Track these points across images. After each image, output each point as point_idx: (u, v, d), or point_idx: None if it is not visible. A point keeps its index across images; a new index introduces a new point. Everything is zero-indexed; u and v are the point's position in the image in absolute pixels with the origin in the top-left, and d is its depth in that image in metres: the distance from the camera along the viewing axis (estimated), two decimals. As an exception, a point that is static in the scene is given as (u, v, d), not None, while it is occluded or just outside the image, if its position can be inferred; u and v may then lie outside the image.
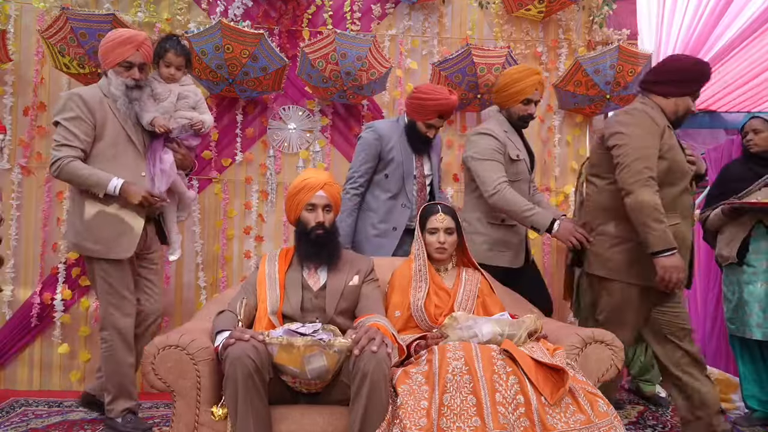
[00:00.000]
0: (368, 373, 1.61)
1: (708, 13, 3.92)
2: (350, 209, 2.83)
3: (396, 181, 2.85)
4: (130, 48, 2.47)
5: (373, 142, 2.85)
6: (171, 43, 2.67)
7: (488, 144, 2.57)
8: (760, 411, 2.86)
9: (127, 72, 2.50)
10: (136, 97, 2.55)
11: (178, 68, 2.70)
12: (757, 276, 2.79)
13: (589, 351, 1.94)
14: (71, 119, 2.46)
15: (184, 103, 2.72)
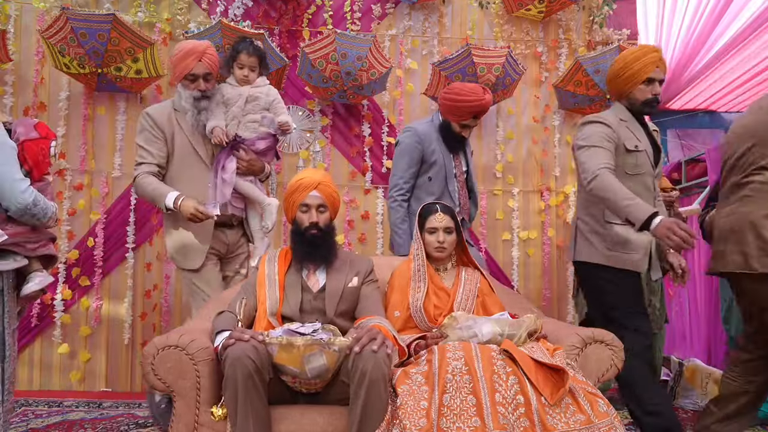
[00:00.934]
0: (367, 372, 1.61)
1: (708, 13, 3.92)
2: (402, 217, 2.78)
3: (439, 183, 2.81)
4: (192, 60, 2.45)
5: (415, 146, 2.79)
6: (243, 44, 2.62)
7: (596, 130, 2.29)
8: (760, 411, 2.86)
9: (193, 84, 2.49)
10: (205, 107, 2.51)
11: (251, 69, 2.63)
12: None
13: (589, 351, 1.93)
14: (144, 138, 2.52)
15: (254, 106, 2.62)
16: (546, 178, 3.86)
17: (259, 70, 2.67)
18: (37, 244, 1.92)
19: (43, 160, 1.94)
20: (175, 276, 3.52)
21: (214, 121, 2.53)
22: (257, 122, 2.61)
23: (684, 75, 4.26)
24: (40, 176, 1.96)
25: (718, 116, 4.74)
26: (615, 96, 2.45)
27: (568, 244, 3.82)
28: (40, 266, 1.97)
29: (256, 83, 2.66)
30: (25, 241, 1.87)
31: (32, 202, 1.82)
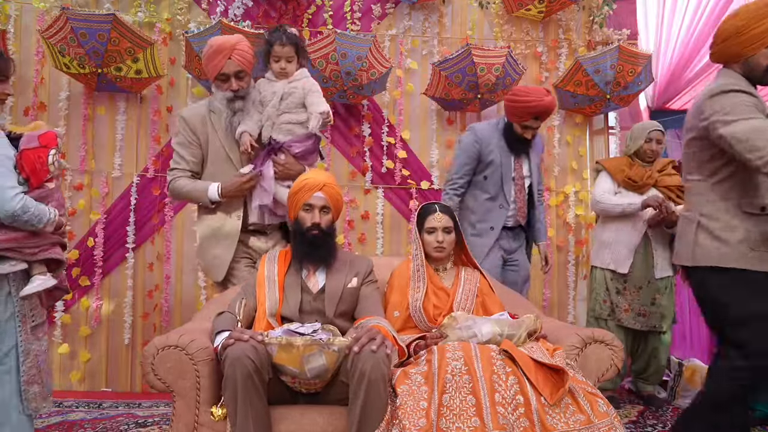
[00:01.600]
0: (366, 372, 1.61)
1: (708, 13, 3.92)
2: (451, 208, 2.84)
3: (494, 183, 2.87)
4: (220, 59, 2.31)
5: (472, 145, 2.87)
6: (275, 35, 2.42)
7: (741, 100, 1.90)
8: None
9: (225, 84, 2.35)
10: (239, 107, 2.38)
11: (288, 60, 2.42)
12: None
13: (589, 351, 1.93)
14: (178, 143, 2.47)
15: (289, 104, 2.43)
16: (546, 178, 3.85)
17: (297, 59, 2.46)
18: (38, 249, 1.95)
19: (41, 168, 1.97)
20: (175, 276, 3.52)
21: (243, 126, 2.38)
22: (292, 123, 2.43)
23: (684, 75, 4.26)
24: (39, 184, 1.98)
25: (718, 116, 4.73)
26: (725, 59, 2.04)
27: (567, 245, 3.82)
28: (44, 269, 1.99)
29: (295, 76, 2.46)
30: (22, 246, 1.91)
31: (20, 209, 1.86)
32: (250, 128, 2.39)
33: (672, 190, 3.07)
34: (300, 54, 2.46)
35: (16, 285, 1.93)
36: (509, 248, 2.96)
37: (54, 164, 2.02)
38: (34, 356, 1.99)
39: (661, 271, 3.07)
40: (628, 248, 3.06)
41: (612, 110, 3.94)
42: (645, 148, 3.10)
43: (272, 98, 2.41)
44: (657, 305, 3.07)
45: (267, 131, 2.42)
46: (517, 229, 3.01)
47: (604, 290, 3.13)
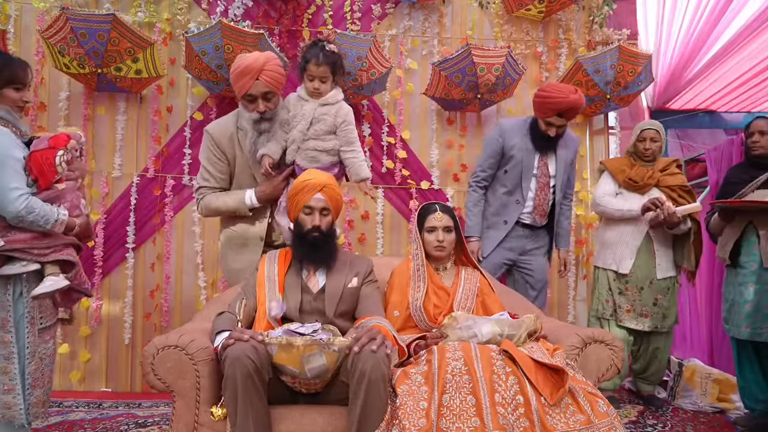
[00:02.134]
0: (366, 372, 1.61)
1: (708, 13, 3.92)
2: (475, 201, 2.99)
3: (513, 178, 2.92)
4: (248, 79, 2.21)
5: (495, 140, 2.94)
6: (312, 52, 2.30)
7: None
8: (759, 411, 2.86)
9: (252, 105, 2.27)
10: (266, 129, 2.30)
11: (322, 81, 2.31)
12: (747, 277, 2.80)
13: (589, 351, 1.94)
14: (206, 158, 2.41)
15: (317, 130, 2.32)
16: (546, 178, 3.85)
17: (333, 79, 2.35)
18: (49, 250, 1.97)
19: (49, 169, 1.99)
20: (175, 276, 3.52)
21: (265, 148, 2.30)
22: (318, 150, 2.33)
23: (684, 75, 4.26)
24: (47, 185, 2.00)
25: (718, 116, 4.73)
26: None
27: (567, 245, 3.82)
28: (57, 270, 2.00)
29: (326, 99, 2.35)
30: (31, 247, 1.93)
31: (24, 210, 1.88)
32: (271, 151, 2.31)
33: (674, 189, 3.06)
34: (336, 73, 2.36)
35: (29, 286, 1.95)
36: (522, 248, 2.95)
37: (61, 165, 2.03)
38: (38, 359, 2.00)
39: (663, 272, 3.07)
40: (630, 249, 3.06)
41: (612, 110, 3.94)
42: (639, 147, 3.10)
43: (300, 120, 2.33)
44: (659, 306, 3.07)
45: (291, 155, 2.35)
46: (539, 230, 2.99)
47: (606, 290, 3.12)
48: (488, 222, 2.96)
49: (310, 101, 2.36)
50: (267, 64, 2.23)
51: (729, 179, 3.01)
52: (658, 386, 3.35)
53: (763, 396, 2.86)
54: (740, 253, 2.84)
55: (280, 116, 2.34)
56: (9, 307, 1.93)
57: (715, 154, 3.71)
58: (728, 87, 4.37)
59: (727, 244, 2.85)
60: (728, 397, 3.15)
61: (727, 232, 2.88)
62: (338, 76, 2.39)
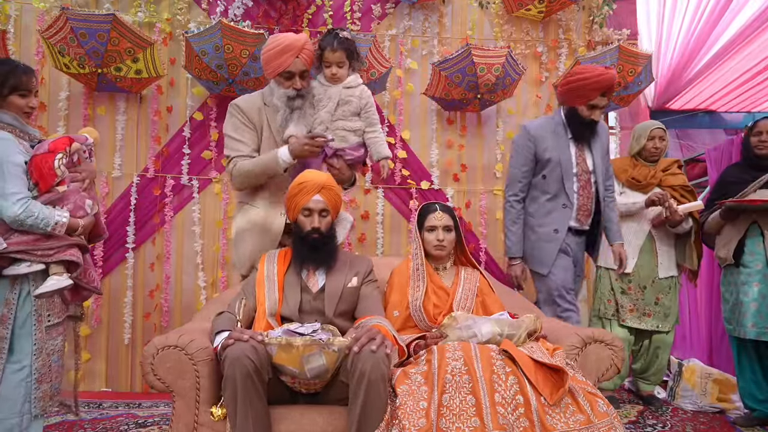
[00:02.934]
0: (366, 372, 1.61)
1: (708, 13, 3.92)
2: (513, 217, 2.75)
3: (555, 182, 2.70)
4: (289, 57, 2.27)
5: (526, 145, 2.72)
6: (326, 40, 2.39)
7: None
8: (759, 411, 2.86)
9: (288, 82, 2.32)
10: (298, 106, 2.35)
11: (339, 65, 2.39)
12: (752, 277, 2.80)
13: (589, 351, 1.94)
14: (233, 128, 2.37)
15: (345, 111, 2.40)
16: (546, 178, 3.85)
17: (349, 64, 2.42)
18: (52, 251, 2.01)
19: (48, 172, 2.03)
20: (175, 276, 3.52)
21: (293, 128, 2.33)
22: (346, 129, 2.40)
23: (684, 75, 4.27)
24: (47, 188, 2.04)
25: (718, 116, 4.74)
26: None
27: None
28: (61, 269, 2.04)
29: (348, 82, 2.42)
30: (33, 249, 1.98)
31: (23, 214, 1.93)
32: (297, 132, 2.34)
33: (676, 189, 3.06)
34: (352, 58, 2.42)
35: (36, 285, 2.00)
36: (574, 256, 2.79)
37: (60, 168, 2.06)
38: (46, 355, 2.03)
39: (665, 271, 3.07)
40: (632, 248, 3.06)
41: (612, 110, 3.94)
42: (648, 147, 3.10)
43: (327, 103, 2.38)
44: (660, 305, 3.07)
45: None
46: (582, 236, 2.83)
47: (608, 290, 3.12)
48: (537, 235, 2.71)
49: (333, 87, 2.42)
50: (306, 44, 2.32)
51: (727, 178, 3.00)
52: (658, 386, 3.35)
53: (762, 396, 2.86)
54: (744, 253, 2.83)
55: (309, 97, 2.40)
56: (12, 305, 1.98)
57: (715, 154, 3.72)
58: (728, 87, 4.38)
59: (729, 244, 2.85)
60: (728, 397, 3.15)
61: (729, 232, 2.88)
62: (354, 62, 2.45)
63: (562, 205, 2.70)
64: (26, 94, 2.09)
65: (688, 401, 3.19)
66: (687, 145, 5.10)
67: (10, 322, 1.97)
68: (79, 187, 2.16)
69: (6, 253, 1.94)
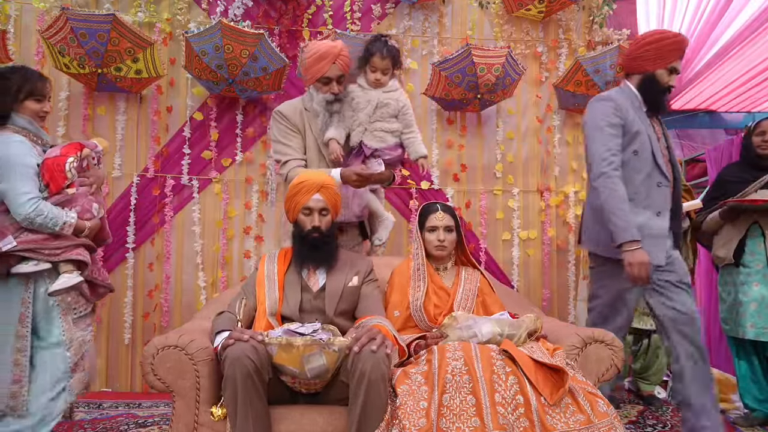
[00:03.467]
0: (366, 372, 1.61)
1: (708, 13, 3.92)
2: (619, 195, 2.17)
3: (646, 158, 2.31)
4: (326, 63, 2.38)
5: (613, 114, 2.28)
6: (377, 45, 2.47)
7: None
8: (759, 411, 2.86)
9: (326, 87, 2.42)
10: (337, 110, 2.44)
11: (384, 73, 2.47)
12: (751, 277, 2.81)
13: (589, 351, 1.94)
14: (280, 134, 2.49)
15: (383, 113, 2.48)
16: (546, 178, 3.86)
17: (392, 71, 2.52)
18: (59, 250, 2.09)
19: (59, 175, 2.12)
20: (175, 276, 3.52)
21: (332, 131, 2.42)
22: (384, 131, 2.47)
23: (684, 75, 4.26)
24: (57, 189, 2.12)
25: (718, 116, 4.74)
26: None
27: (567, 245, 3.83)
28: (71, 268, 2.12)
29: (389, 87, 2.51)
30: (41, 247, 2.06)
31: (33, 213, 2.01)
32: (336, 135, 2.42)
33: None
34: (396, 67, 2.52)
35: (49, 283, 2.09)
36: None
37: (71, 171, 2.15)
38: (78, 344, 2.15)
39: None
40: None
41: (612, 110, 3.93)
42: None
43: (366, 105, 2.46)
44: None
45: (358, 136, 2.45)
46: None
47: None
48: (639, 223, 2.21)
49: (373, 90, 2.49)
50: (343, 51, 2.41)
51: (726, 177, 3.00)
52: (659, 386, 3.35)
53: (762, 396, 2.86)
54: (744, 252, 2.83)
55: (348, 101, 2.48)
56: (29, 304, 2.06)
57: (715, 154, 3.72)
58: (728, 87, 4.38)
59: (729, 244, 2.85)
60: (728, 397, 3.15)
61: (729, 232, 2.87)
62: (397, 69, 2.55)
63: (657, 183, 2.31)
64: (41, 99, 2.18)
65: (688, 401, 3.18)
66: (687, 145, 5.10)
67: (28, 320, 2.06)
68: (87, 191, 2.24)
69: (16, 252, 2.02)
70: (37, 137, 2.18)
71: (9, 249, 2.00)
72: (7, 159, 2.04)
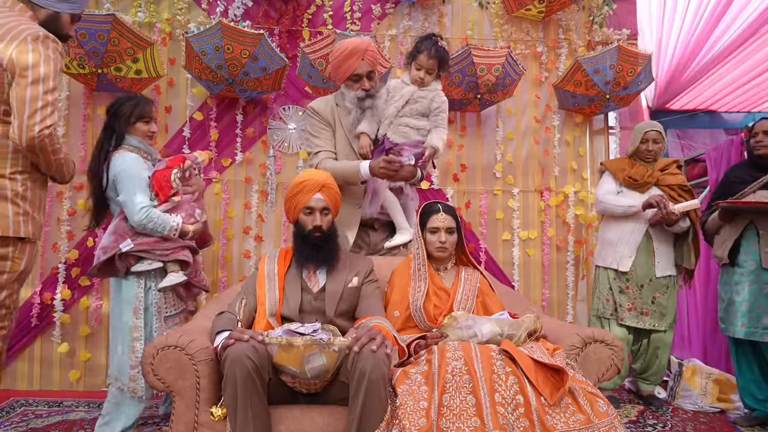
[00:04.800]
0: (366, 372, 1.61)
1: (708, 14, 3.92)
2: None
3: None
4: (355, 60, 2.41)
5: None
6: (425, 44, 2.44)
7: None
8: (759, 410, 2.86)
9: (357, 84, 2.45)
10: (369, 105, 2.46)
11: (429, 72, 2.45)
12: (744, 277, 2.83)
13: (589, 351, 1.93)
14: (311, 131, 2.56)
15: (412, 109, 2.45)
16: (546, 178, 3.86)
17: (437, 72, 2.49)
18: (169, 251, 2.39)
19: (165, 185, 2.43)
20: (175, 276, 3.51)
21: (364, 125, 2.45)
22: (409, 126, 2.45)
23: (684, 75, 4.26)
24: (165, 198, 2.42)
25: (718, 116, 4.74)
26: None
27: (567, 245, 3.83)
28: (177, 268, 2.42)
29: (429, 87, 2.49)
30: (153, 249, 2.36)
31: (145, 219, 2.31)
32: (368, 129, 2.45)
33: (674, 189, 3.06)
34: (441, 68, 2.48)
35: (155, 281, 2.40)
36: None
37: (176, 181, 2.46)
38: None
39: (662, 270, 3.07)
40: (629, 247, 3.07)
41: (612, 110, 3.94)
42: (641, 149, 3.11)
43: (398, 100, 2.46)
44: (657, 304, 3.07)
45: (383, 129, 2.47)
46: None
47: (607, 289, 3.13)
48: None
49: (411, 86, 2.48)
50: (370, 46, 2.44)
51: (730, 178, 3.01)
52: (659, 386, 3.35)
53: (762, 396, 2.86)
54: (739, 252, 2.85)
55: (381, 95, 2.49)
56: (141, 298, 2.36)
57: (715, 154, 3.72)
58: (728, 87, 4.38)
59: (725, 244, 2.86)
60: (728, 397, 3.15)
61: (726, 232, 2.89)
62: (442, 71, 2.51)
63: None
64: (148, 120, 2.49)
65: (689, 401, 3.19)
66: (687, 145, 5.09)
67: (141, 312, 2.35)
68: (190, 199, 2.52)
69: (133, 252, 2.34)
70: (147, 154, 2.50)
71: (128, 250, 2.32)
72: (124, 174, 2.36)
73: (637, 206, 3.01)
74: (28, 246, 1.98)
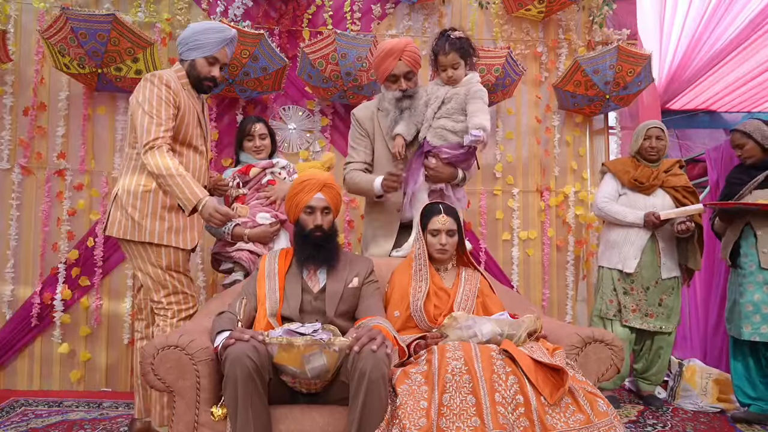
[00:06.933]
0: (366, 372, 1.61)
1: (708, 14, 3.92)
2: None
3: None
4: (392, 61, 2.43)
5: None
6: (438, 44, 2.45)
7: None
8: (755, 405, 2.88)
9: (394, 84, 2.46)
10: (407, 106, 2.46)
11: (454, 67, 2.42)
12: (746, 278, 2.84)
13: (589, 351, 1.94)
14: (351, 137, 2.65)
15: (449, 108, 2.43)
16: (546, 178, 3.86)
17: (465, 63, 2.44)
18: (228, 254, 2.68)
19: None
20: (175, 276, 3.51)
21: (401, 127, 2.45)
22: (446, 129, 2.42)
23: (684, 75, 4.27)
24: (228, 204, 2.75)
25: (718, 116, 4.75)
26: None
27: (567, 245, 3.83)
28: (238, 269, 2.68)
29: (462, 81, 2.45)
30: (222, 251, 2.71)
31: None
32: (404, 131, 2.45)
33: (678, 190, 3.06)
34: (467, 56, 2.44)
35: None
36: None
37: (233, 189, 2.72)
38: None
39: (668, 271, 3.07)
40: (635, 248, 3.06)
41: (612, 110, 3.94)
42: (644, 146, 3.11)
43: (435, 101, 2.46)
44: (664, 306, 3.07)
45: (423, 132, 2.47)
46: None
47: (611, 290, 3.12)
48: None
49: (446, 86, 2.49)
50: (407, 46, 2.44)
51: (729, 180, 3.02)
52: (659, 386, 3.35)
53: (755, 394, 2.88)
54: (740, 254, 2.85)
55: (420, 95, 2.49)
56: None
57: (715, 154, 3.72)
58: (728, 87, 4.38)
59: (727, 245, 2.87)
60: (728, 397, 3.15)
61: (728, 234, 2.90)
62: (470, 59, 2.46)
63: None
64: (251, 138, 2.80)
65: (689, 401, 3.19)
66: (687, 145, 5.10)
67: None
68: (261, 204, 2.70)
69: (216, 255, 2.72)
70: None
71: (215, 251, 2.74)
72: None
73: (638, 223, 3.02)
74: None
